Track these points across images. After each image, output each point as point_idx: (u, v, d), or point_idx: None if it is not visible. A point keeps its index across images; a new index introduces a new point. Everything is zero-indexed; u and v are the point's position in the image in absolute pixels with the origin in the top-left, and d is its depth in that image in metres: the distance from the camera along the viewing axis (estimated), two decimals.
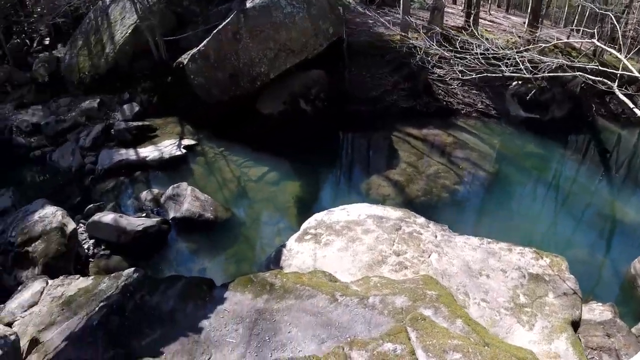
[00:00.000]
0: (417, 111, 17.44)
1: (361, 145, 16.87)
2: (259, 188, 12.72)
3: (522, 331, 6.73)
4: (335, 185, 14.20)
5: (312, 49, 16.12)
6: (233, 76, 15.41)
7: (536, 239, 11.41)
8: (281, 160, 13.84)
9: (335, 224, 8.55)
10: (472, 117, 18.13)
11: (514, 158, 16.30)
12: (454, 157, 14.80)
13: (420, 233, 8.29)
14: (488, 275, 7.64)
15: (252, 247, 10.76)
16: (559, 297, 7.60)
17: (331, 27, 16.55)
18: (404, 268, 7.38)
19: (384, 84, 18.05)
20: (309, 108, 16.26)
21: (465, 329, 4.99)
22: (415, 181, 12.89)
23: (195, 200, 11.24)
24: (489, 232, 10.85)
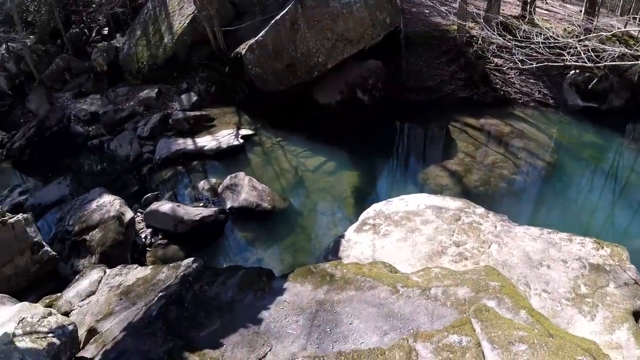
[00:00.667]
0: (474, 101, 17.32)
1: (418, 135, 16.89)
2: (316, 178, 12.91)
3: (584, 322, 6.70)
4: (393, 175, 14.28)
5: (370, 39, 16.25)
6: (290, 66, 15.69)
7: (595, 229, 11.25)
8: (338, 151, 14.00)
9: (394, 214, 8.69)
10: (529, 106, 17.80)
11: (572, 148, 15.91)
12: (512, 146, 14.61)
13: (480, 223, 8.35)
14: (549, 266, 7.62)
15: (310, 238, 10.86)
16: (620, 287, 7.49)
17: (388, 17, 16.58)
18: (464, 259, 7.48)
19: (440, 74, 17.98)
20: (366, 98, 16.41)
21: (529, 320, 5.08)
22: (473, 171, 12.86)
23: (253, 190, 11.36)
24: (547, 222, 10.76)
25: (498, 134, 15.36)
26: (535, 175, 13.58)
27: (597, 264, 7.88)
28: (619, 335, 6.59)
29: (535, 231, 8.41)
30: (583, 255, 8.04)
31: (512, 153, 14.13)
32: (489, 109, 16.84)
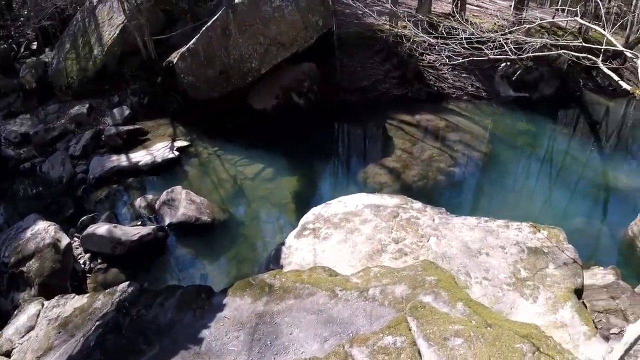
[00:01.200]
0: (409, 98, 17.58)
1: (355, 135, 16.92)
2: (256, 186, 12.69)
3: (526, 305, 6.80)
4: (332, 177, 14.23)
5: (303, 42, 16.18)
6: (223, 73, 15.38)
7: (534, 213, 11.58)
8: (276, 156, 13.81)
9: (333, 216, 8.57)
10: (463, 100, 18.26)
11: (506, 137, 16.40)
12: (448, 140, 14.88)
13: (418, 218, 8.34)
14: (488, 254, 7.69)
15: (252, 247, 10.70)
16: (560, 267, 7.66)
17: (321, 19, 16.54)
18: (404, 255, 7.43)
19: (375, 74, 18.12)
20: (301, 101, 16.26)
21: (466, 311, 5.02)
22: (411, 167, 12.96)
23: (191, 203, 11.07)
24: (486, 210, 10.98)
25: (434, 129, 15.61)
26: (472, 166, 13.87)
27: (535, 247, 8.01)
28: (562, 314, 6.71)
29: (473, 221, 8.47)
30: (521, 240, 8.15)
31: (449, 146, 14.39)
32: (424, 105, 17.15)
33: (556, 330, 6.50)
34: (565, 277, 7.48)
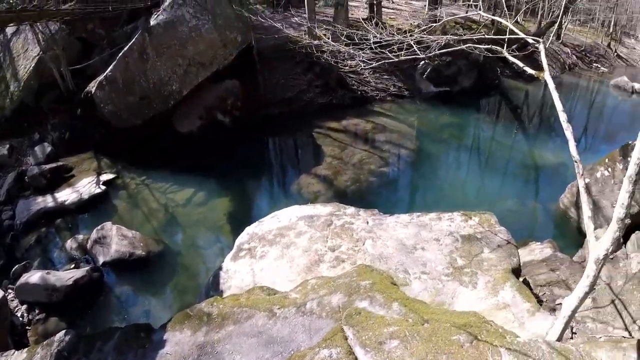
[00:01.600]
0: (334, 105, 17.82)
1: (285, 147, 16.87)
2: (188, 211, 12.34)
3: (467, 292, 6.91)
4: (265, 192, 14.06)
5: (223, 60, 15.98)
6: (144, 98, 14.93)
7: (467, 201, 11.92)
8: (207, 178, 13.51)
9: (267, 233, 8.41)
10: (387, 101, 18.69)
11: (432, 131, 16.86)
12: (376, 141, 15.12)
13: (352, 223, 8.33)
14: (423, 248, 7.78)
15: (192, 276, 10.34)
16: (494, 250, 7.85)
17: (239, 35, 16.44)
18: (342, 262, 7.38)
19: (298, 84, 18.22)
20: (227, 119, 16.05)
21: (402, 311, 5.01)
22: (342, 172, 13.03)
23: (123, 239, 10.63)
24: (420, 205, 11.19)
25: (361, 132, 15.84)
26: (401, 164, 14.13)
27: (468, 235, 8.16)
28: (503, 295, 6.85)
29: (406, 218, 8.57)
30: (454, 230, 8.29)
31: (377, 147, 14.62)
32: (349, 109, 17.43)
33: (499, 312, 6.62)
34: (501, 259, 7.65)
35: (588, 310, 8.35)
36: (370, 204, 9.81)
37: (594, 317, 8.17)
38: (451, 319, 5.08)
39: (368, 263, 7.20)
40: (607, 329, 7.87)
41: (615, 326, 7.86)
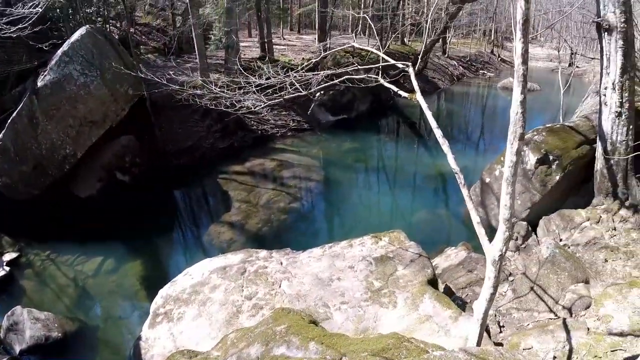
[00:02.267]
0: (235, 147, 17.77)
1: (191, 198, 16.47)
2: (100, 282, 11.63)
3: (388, 312, 7.06)
4: (176, 248, 13.61)
5: (115, 116, 15.38)
6: (38, 166, 13.96)
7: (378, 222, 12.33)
8: (114, 243, 12.85)
9: (181, 293, 8.13)
10: (288, 136, 18.98)
11: (336, 159, 17.29)
12: (282, 178, 15.25)
13: (266, 267, 8.27)
14: (339, 278, 7.87)
15: (113, 350, 9.67)
16: (408, 266, 8.11)
17: (130, 88, 15.91)
18: (260, 309, 7.29)
19: (197, 131, 18.01)
20: (127, 178, 15.40)
21: (319, 349, 5.01)
22: (252, 215, 12.95)
23: (36, 322, 9.78)
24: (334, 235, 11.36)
25: (266, 172, 15.95)
26: (310, 196, 14.34)
27: (381, 256, 8.37)
28: (424, 308, 7.07)
29: (318, 251, 8.66)
30: (366, 254, 8.47)
31: (284, 184, 14.77)
32: (252, 150, 17.49)
33: (423, 324, 6.80)
34: (416, 273, 7.91)
35: (511, 301, 8.83)
36: (283, 243, 9.83)
37: (518, 307, 8.65)
38: (369, 347, 5.14)
39: (286, 304, 7.16)
40: (532, 315, 8.34)
41: (540, 311, 8.36)
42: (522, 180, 11.61)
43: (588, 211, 10.86)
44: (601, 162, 10.91)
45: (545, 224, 11.12)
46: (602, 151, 10.85)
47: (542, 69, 49.66)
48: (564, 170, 11.38)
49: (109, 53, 15.27)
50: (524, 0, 4.28)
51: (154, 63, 22.71)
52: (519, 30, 4.40)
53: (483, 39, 57.67)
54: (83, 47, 14.57)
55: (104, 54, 15.07)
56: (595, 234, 10.02)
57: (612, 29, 10.04)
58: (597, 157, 11.04)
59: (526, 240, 10.73)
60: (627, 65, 10.17)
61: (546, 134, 11.95)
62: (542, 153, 11.48)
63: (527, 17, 4.37)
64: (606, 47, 10.37)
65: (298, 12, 43.72)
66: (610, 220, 10.41)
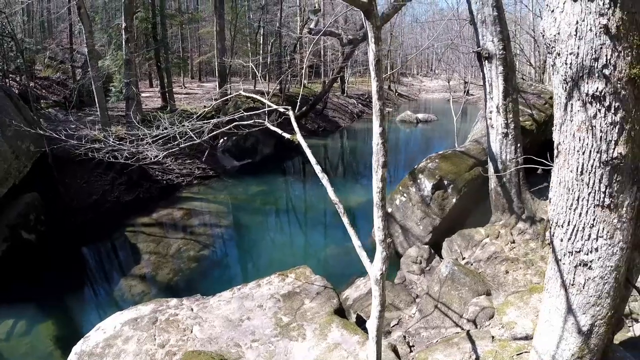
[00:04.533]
0: (141, 199, 17.68)
1: (99, 254, 16.07)
2: (13, 345, 11.08)
3: (298, 345, 7.49)
4: (88, 305, 13.23)
5: (18, 173, 14.95)
6: None
7: (288, 260, 12.65)
8: (24, 305, 12.18)
9: (95, 347, 8.12)
10: (194, 184, 19.17)
11: (243, 203, 17.70)
12: (191, 226, 15.41)
13: (177, 314, 8.51)
14: (249, 317, 8.27)
15: None
16: (314, 299, 8.62)
17: (32, 144, 15.61)
18: (173, 355, 7.47)
19: (101, 185, 17.75)
20: (32, 237, 14.77)
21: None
22: (162, 266, 13.04)
23: None
24: (244, 276, 11.71)
25: (174, 221, 16.07)
26: (219, 242, 14.60)
27: (288, 292, 8.88)
28: (332, 337, 7.56)
29: (228, 294, 9.02)
30: (274, 292, 8.94)
31: (193, 232, 14.94)
32: (158, 201, 17.49)
33: (332, 352, 7.28)
34: (322, 304, 8.45)
35: (418, 321, 9.38)
36: (195, 290, 10.02)
37: (426, 326, 9.20)
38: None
39: (199, 348, 7.46)
40: (440, 331, 8.88)
41: (446, 327, 8.93)
42: (422, 207, 12.20)
43: (487, 228, 11.36)
44: (494, 181, 11.37)
45: (448, 245, 11.66)
46: (494, 171, 11.31)
47: (438, 99, 53.30)
48: (460, 193, 11.95)
49: (8, 109, 15.03)
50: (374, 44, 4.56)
51: (55, 117, 22.11)
52: (373, 70, 4.69)
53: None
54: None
55: (3, 110, 14.81)
56: (496, 249, 10.52)
57: (492, 56, 10.61)
58: (490, 176, 11.50)
59: (430, 263, 11.31)
60: (509, 88, 10.72)
61: (439, 161, 12.53)
62: (437, 179, 12.01)
63: (379, 57, 4.66)
64: (488, 74, 10.88)
65: (198, 60, 44.21)
66: (508, 234, 10.89)
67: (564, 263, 4.22)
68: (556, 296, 4.41)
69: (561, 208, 4.06)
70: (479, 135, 13.89)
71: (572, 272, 4.17)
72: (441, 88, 60.12)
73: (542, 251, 10.14)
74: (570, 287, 4.23)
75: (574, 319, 4.31)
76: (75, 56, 28.80)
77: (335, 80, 38.21)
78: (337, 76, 36.28)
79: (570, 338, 4.40)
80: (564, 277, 4.26)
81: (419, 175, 12.49)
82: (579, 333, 4.33)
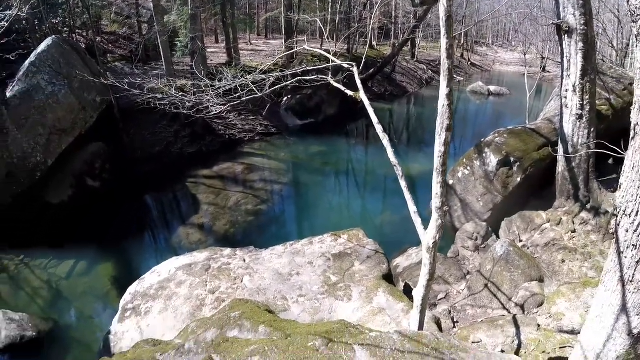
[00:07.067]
0: (204, 152, 18.11)
1: (160, 202, 16.78)
2: (73, 284, 11.96)
3: (343, 305, 7.53)
4: (146, 250, 13.91)
5: (84, 123, 15.69)
6: (10, 175, 14.19)
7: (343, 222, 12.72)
8: (86, 246, 13.15)
9: (149, 289, 8.56)
10: (255, 140, 19.36)
11: (303, 162, 17.73)
12: (250, 181, 15.66)
13: (229, 264, 8.76)
14: (298, 273, 8.38)
15: (85, 346, 10.02)
16: (364, 262, 8.59)
17: (98, 96, 16.27)
18: (222, 302, 7.74)
19: (165, 137, 18.29)
20: (97, 184, 15.68)
21: (267, 331, 5.53)
22: (219, 217, 13.39)
23: (11, 322, 10.06)
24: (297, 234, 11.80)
25: (234, 175, 16.35)
26: (276, 198, 14.77)
27: (339, 253, 8.90)
28: (378, 301, 7.55)
29: (280, 249, 9.18)
30: (325, 251, 9.00)
31: (251, 187, 15.17)
32: (220, 155, 17.84)
33: (376, 317, 7.29)
34: (372, 269, 8.43)
35: (466, 298, 9.25)
36: (249, 242, 10.26)
37: (473, 304, 9.06)
38: (312, 330, 5.60)
39: (247, 297, 7.65)
40: (486, 312, 8.71)
41: (493, 307, 8.74)
42: (484, 182, 11.77)
43: (549, 213, 10.89)
44: (563, 165, 10.90)
45: (506, 225, 11.24)
46: (563, 154, 10.81)
47: (512, 73, 50.74)
48: (525, 172, 11.37)
49: (75, 62, 15.57)
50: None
51: (121, 71, 22.78)
52: (443, 26, 4.51)
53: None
54: (50, 58, 14.88)
55: (71, 63, 15.37)
56: (555, 236, 10.06)
57: (572, 30, 9.92)
58: (559, 159, 10.99)
59: (486, 241, 10.92)
60: (588, 67, 10.04)
61: (508, 136, 11.96)
62: (503, 155, 11.49)
63: (450, 14, 4.47)
64: (566, 50, 10.24)
65: (264, 17, 44.08)
66: (570, 222, 10.44)
67: (626, 256, 3.85)
68: (612, 291, 4.07)
69: (631, 195, 3.67)
70: (552, 115, 13.15)
71: (634, 268, 3.80)
72: (516, 61, 56.44)
73: (603, 245, 9.61)
74: (629, 284, 3.88)
75: (626, 319, 3.97)
76: (141, 11, 29.39)
77: (406, 44, 37.05)
78: (407, 39, 35.18)
79: (619, 339, 4.08)
80: (623, 271, 3.90)
81: (485, 149, 11.96)
82: (629, 335, 4.00)
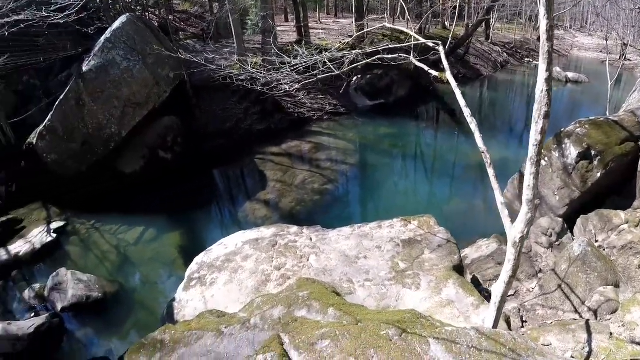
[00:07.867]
0: (272, 130, 18.17)
1: (228, 177, 17.01)
2: (140, 250, 12.38)
3: (411, 293, 7.21)
4: (213, 222, 14.15)
5: (157, 98, 16.10)
6: (86, 144, 14.92)
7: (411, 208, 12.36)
8: (155, 216, 13.58)
9: (215, 260, 8.61)
10: (324, 120, 19.16)
11: (371, 143, 17.36)
12: (317, 160, 15.51)
13: (296, 241, 8.63)
14: (366, 257, 8.11)
15: (148, 311, 10.38)
16: (435, 250, 8.22)
17: (171, 71, 16.62)
18: (287, 279, 7.64)
19: (235, 114, 18.46)
20: (169, 156, 16.17)
21: (337, 315, 5.32)
22: (286, 195, 13.36)
23: (79, 283, 10.64)
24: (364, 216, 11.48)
25: (302, 153, 16.28)
26: (343, 178, 14.52)
27: (408, 239, 8.55)
28: (447, 293, 7.17)
29: (348, 230, 8.92)
30: (394, 236, 8.67)
31: (319, 166, 15.01)
32: (289, 133, 17.83)
33: (444, 308, 6.89)
34: (442, 258, 8.02)
35: (537, 297, 8.69)
36: (314, 222, 10.12)
37: (544, 304, 8.49)
38: (384, 318, 5.34)
39: (312, 277, 7.49)
40: (557, 313, 8.14)
41: (565, 310, 8.13)
42: (562, 175, 11.05)
43: (628, 213, 10.05)
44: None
45: (582, 223, 10.45)
46: None
47: (591, 59, 47.67)
48: (606, 168, 10.54)
49: (149, 39, 15.96)
50: None
51: (193, 48, 23.20)
52: (543, 6, 4.22)
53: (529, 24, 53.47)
54: (124, 34, 15.33)
55: (144, 39, 15.78)
56: (633, 238, 9.27)
57: None
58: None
59: (560, 238, 10.20)
60: None
61: (589, 127, 11.11)
62: (584, 147, 10.73)
63: None
64: None
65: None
66: None
67: None
68: None
69: None
70: (636, 107, 12.13)
71: None
72: (596, 47, 52.74)
73: None
74: None
75: None
76: None
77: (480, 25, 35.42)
78: (482, 20, 33.59)
79: None
80: None
81: (565, 139, 11.10)
82: None
